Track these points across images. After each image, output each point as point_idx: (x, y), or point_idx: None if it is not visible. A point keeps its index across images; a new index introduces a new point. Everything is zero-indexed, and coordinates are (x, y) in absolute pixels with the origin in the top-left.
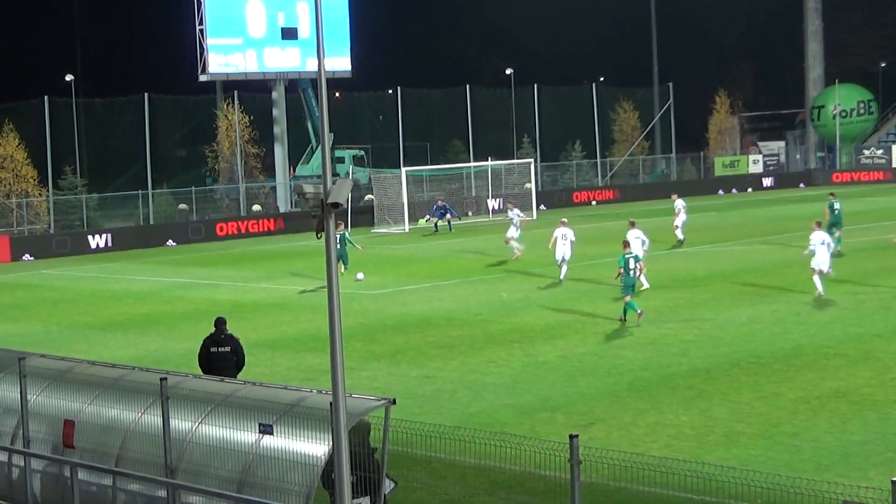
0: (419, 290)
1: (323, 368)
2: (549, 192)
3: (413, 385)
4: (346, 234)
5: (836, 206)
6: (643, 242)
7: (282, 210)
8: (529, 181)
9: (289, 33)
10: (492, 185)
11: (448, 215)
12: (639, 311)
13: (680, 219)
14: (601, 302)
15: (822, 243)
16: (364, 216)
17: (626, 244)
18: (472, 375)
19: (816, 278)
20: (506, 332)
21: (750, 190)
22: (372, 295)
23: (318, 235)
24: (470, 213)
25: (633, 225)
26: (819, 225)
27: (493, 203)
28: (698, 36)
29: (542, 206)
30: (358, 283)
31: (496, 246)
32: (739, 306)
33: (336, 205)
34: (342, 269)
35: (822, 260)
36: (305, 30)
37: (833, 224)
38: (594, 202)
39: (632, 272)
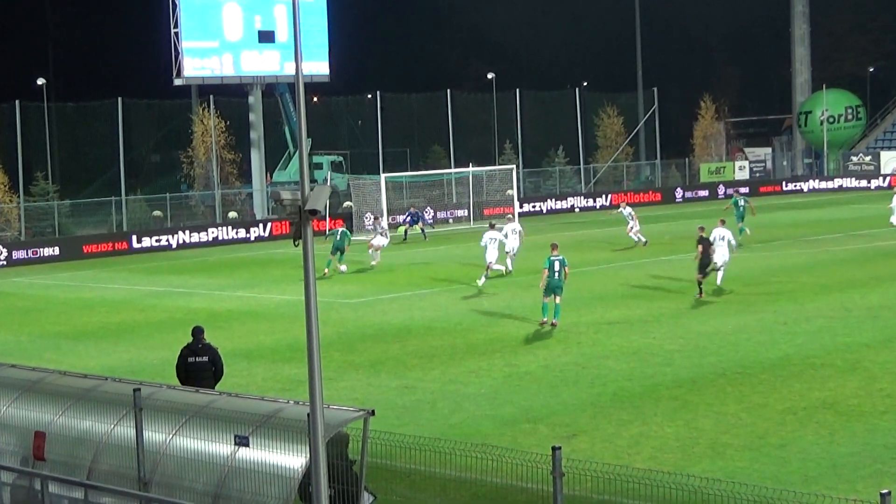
0: (399, 298)
1: (300, 379)
2: (531, 199)
3: (392, 396)
4: (347, 232)
5: (741, 202)
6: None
7: (258, 217)
8: (511, 188)
9: (266, 36)
10: (473, 192)
11: (420, 223)
12: (545, 319)
13: (634, 225)
14: (584, 311)
15: (722, 238)
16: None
17: (554, 246)
18: (453, 386)
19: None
20: (487, 341)
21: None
22: (351, 304)
23: (296, 243)
24: (451, 221)
25: (509, 220)
26: (723, 222)
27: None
28: (683, 40)
29: (522, 206)
30: (337, 292)
31: (478, 254)
32: (725, 315)
33: (314, 212)
34: (338, 266)
35: (720, 254)
36: (283, 33)
37: (738, 219)
38: (577, 209)
39: (557, 274)
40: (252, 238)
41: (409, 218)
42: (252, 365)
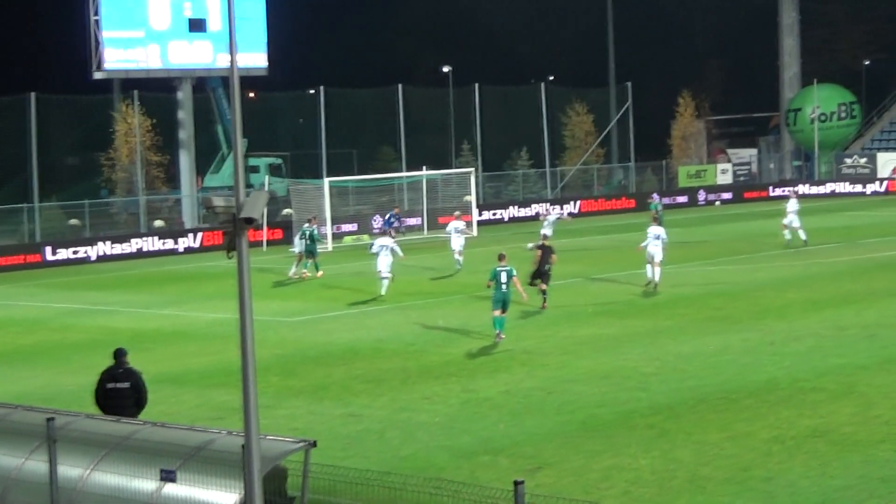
0: (344, 316)
1: (234, 406)
2: (491, 206)
3: (337, 425)
4: (315, 231)
5: (659, 207)
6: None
7: (188, 226)
8: (469, 193)
9: (197, 25)
10: (427, 198)
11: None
12: (498, 332)
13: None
14: (549, 330)
15: (657, 237)
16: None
17: (501, 256)
18: (404, 414)
19: (648, 267)
20: (442, 364)
21: (718, 203)
22: (290, 322)
23: (229, 255)
24: (403, 230)
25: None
26: (657, 220)
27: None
28: (661, 30)
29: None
30: (275, 310)
31: (434, 266)
32: (706, 335)
33: (249, 220)
34: (315, 271)
35: (655, 252)
36: (216, 21)
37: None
38: (542, 217)
39: (503, 286)
40: (181, 249)
41: (394, 222)
42: (180, 391)
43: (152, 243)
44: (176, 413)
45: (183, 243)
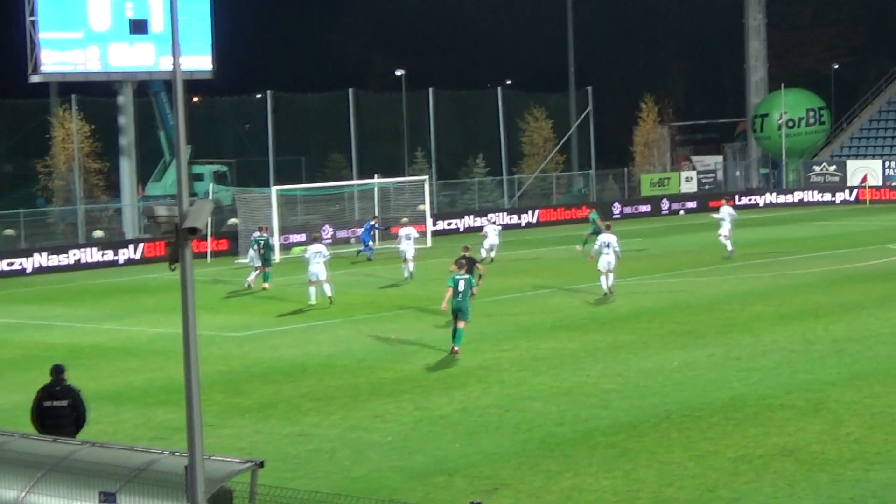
0: (292, 331)
1: (177, 425)
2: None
3: (285, 444)
4: (270, 239)
5: (595, 217)
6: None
7: (129, 236)
8: (423, 202)
9: (138, 26)
10: (379, 207)
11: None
12: (453, 346)
13: (489, 242)
14: (507, 345)
15: (608, 245)
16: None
17: (461, 265)
18: (355, 433)
19: (602, 279)
20: (395, 380)
21: (682, 213)
22: (236, 337)
23: (172, 267)
24: (353, 241)
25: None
26: (609, 228)
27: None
28: (622, 32)
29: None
30: (219, 324)
31: (386, 279)
32: (670, 350)
33: (193, 230)
34: (265, 284)
35: (608, 261)
36: (158, 23)
37: (595, 233)
38: (500, 227)
39: (460, 294)
40: (121, 261)
41: (373, 232)
42: (120, 409)
43: (91, 255)
44: (116, 432)
45: (123, 255)
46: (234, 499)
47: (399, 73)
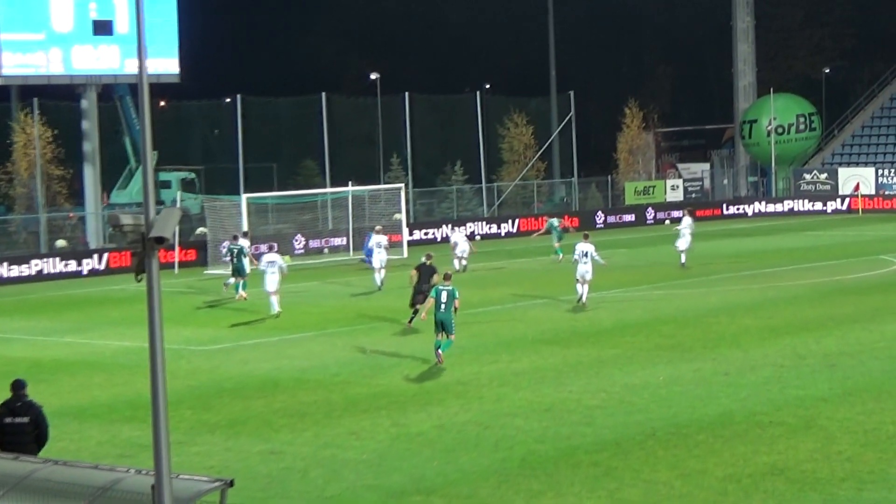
0: (263, 344)
1: (143, 443)
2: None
3: (255, 463)
4: (245, 247)
5: (555, 223)
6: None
7: (93, 246)
8: (399, 211)
9: (102, 28)
10: (353, 216)
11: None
12: (439, 356)
13: (461, 248)
14: (486, 359)
15: (585, 255)
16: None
17: (447, 276)
18: (329, 450)
19: (578, 286)
20: (370, 396)
21: (668, 222)
22: (205, 351)
23: (138, 278)
24: (326, 251)
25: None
26: (586, 237)
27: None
28: (606, 34)
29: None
30: (188, 337)
31: (361, 290)
32: (655, 364)
33: (160, 240)
34: (242, 293)
35: (584, 270)
36: (123, 24)
37: (559, 239)
38: (478, 237)
39: (443, 306)
40: (85, 272)
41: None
42: (84, 426)
43: (54, 265)
44: (79, 450)
45: (87, 265)
46: None
47: (374, 76)
